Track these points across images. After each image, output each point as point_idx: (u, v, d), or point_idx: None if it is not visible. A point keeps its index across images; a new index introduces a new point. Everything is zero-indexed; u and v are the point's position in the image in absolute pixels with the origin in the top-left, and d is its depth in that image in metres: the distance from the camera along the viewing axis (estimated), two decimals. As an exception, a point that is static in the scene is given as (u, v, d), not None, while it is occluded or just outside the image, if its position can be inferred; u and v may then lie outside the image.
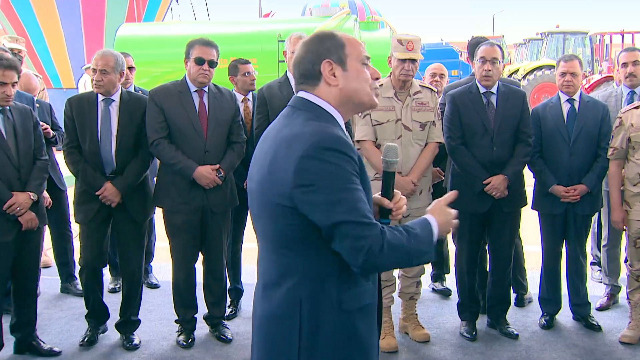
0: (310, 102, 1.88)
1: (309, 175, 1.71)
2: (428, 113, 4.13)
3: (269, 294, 1.88)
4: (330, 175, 1.70)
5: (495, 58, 4.10)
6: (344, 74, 1.87)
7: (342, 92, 1.87)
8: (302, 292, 1.80)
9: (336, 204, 1.69)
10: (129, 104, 4.06)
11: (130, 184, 4.03)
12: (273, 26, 11.96)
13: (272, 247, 1.87)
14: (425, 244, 1.81)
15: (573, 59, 4.35)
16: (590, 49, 20.03)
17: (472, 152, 4.15)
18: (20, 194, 3.77)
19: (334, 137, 1.75)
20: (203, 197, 4.05)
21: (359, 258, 1.69)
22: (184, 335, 4.25)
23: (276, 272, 1.86)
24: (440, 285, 5.25)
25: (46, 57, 16.16)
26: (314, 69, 1.88)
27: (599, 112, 4.31)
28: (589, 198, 4.29)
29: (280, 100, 4.24)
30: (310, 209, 1.72)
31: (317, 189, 1.70)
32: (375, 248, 1.68)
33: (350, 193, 1.71)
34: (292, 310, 1.81)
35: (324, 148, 1.71)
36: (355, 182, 1.73)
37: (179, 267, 4.21)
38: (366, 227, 1.69)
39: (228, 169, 4.11)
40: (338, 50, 1.87)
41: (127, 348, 4.17)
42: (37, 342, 4.10)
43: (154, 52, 11.35)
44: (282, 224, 1.79)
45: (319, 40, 1.91)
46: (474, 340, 4.24)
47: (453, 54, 20.94)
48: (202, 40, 4.01)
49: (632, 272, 4.20)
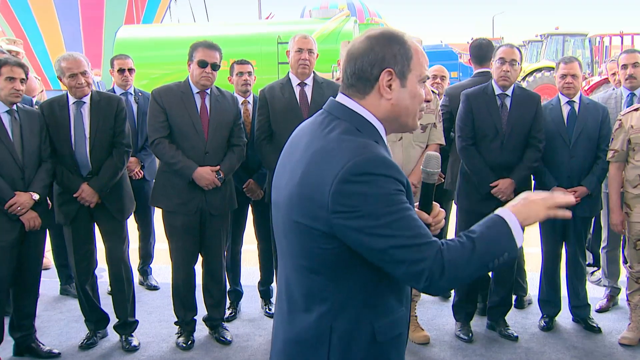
0: (352, 111, 1.67)
1: (349, 201, 1.52)
2: (429, 115, 4.14)
3: (295, 318, 1.72)
4: (373, 198, 1.52)
5: (514, 60, 4.12)
6: (400, 89, 1.66)
7: (393, 108, 1.67)
8: (333, 320, 1.65)
9: (384, 227, 1.51)
10: (100, 104, 4.06)
11: (106, 183, 4.03)
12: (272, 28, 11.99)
13: (298, 268, 1.69)
14: (499, 241, 1.59)
15: (573, 60, 4.36)
16: (589, 50, 20.04)
17: (482, 153, 4.14)
18: (22, 193, 3.79)
19: (377, 159, 1.55)
20: (202, 198, 4.06)
21: (419, 284, 1.55)
22: (184, 337, 4.25)
23: (304, 295, 1.69)
24: (440, 287, 5.24)
25: (45, 58, 16.18)
26: (372, 73, 1.65)
27: (598, 114, 4.32)
28: (589, 200, 4.29)
29: (281, 102, 4.24)
30: (354, 236, 1.54)
31: (360, 215, 1.52)
32: (436, 271, 1.52)
33: (399, 214, 1.53)
34: (321, 338, 1.66)
35: (365, 172, 1.52)
36: (403, 201, 1.55)
37: (178, 268, 4.20)
38: (420, 248, 1.52)
39: (228, 171, 4.11)
40: (404, 61, 1.66)
41: (126, 350, 4.17)
42: (37, 344, 4.10)
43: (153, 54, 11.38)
44: (313, 247, 1.62)
45: (387, 41, 1.66)
46: (470, 342, 4.24)
47: (452, 55, 20.93)
48: (205, 43, 4.02)
49: (632, 274, 4.20)
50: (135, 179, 5.06)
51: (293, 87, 4.29)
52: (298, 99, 4.25)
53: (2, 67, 3.76)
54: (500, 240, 1.60)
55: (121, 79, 5.27)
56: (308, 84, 4.30)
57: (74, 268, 4.17)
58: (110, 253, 4.18)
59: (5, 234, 3.78)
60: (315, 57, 4.31)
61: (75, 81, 3.92)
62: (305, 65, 4.24)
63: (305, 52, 4.23)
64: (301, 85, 4.29)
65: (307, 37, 4.31)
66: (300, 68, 4.24)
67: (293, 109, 4.20)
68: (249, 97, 4.84)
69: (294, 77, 4.31)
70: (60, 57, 3.98)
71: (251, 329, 4.55)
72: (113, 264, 4.20)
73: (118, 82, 5.30)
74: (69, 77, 3.92)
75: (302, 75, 4.28)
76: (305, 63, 4.23)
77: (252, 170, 4.65)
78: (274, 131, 4.27)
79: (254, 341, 4.32)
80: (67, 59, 3.94)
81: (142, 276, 5.56)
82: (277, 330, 1.82)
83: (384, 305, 1.69)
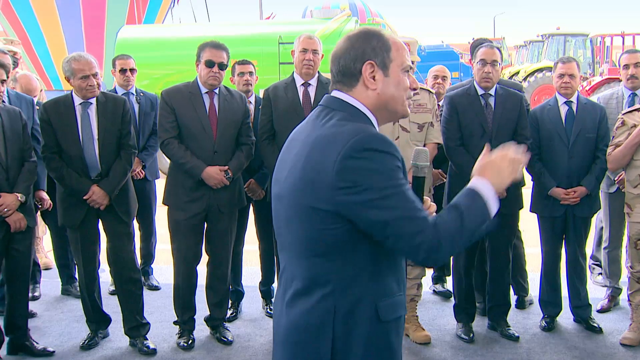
0: (345, 102, 1.78)
1: (352, 176, 1.61)
2: (426, 114, 4.15)
3: (297, 304, 1.76)
4: (375, 173, 1.61)
5: (495, 60, 4.11)
6: (384, 79, 1.78)
7: (380, 97, 1.78)
8: (336, 301, 1.70)
9: (385, 199, 1.60)
10: (107, 105, 4.04)
11: (116, 185, 4.03)
12: (274, 28, 11.99)
13: (302, 255, 1.75)
14: (479, 214, 1.71)
15: (571, 60, 4.36)
16: (590, 50, 20.04)
17: (471, 153, 4.15)
18: (7, 195, 3.77)
19: (376, 137, 1.65)
20: (210, 195, 4.07)
21: (419, 256, 1.64)
22: (184, 337, 4.25)
23: (306, 281, 1.75)
24: (441, 287, 5.25)
25: (47, 59, 16.19)
26: (355, 67, 1.77)
27: (596, 113, 4.32)
28: (587, 200, 4.29)
29: (284, 102, 4.24)
30: (357, 210, 1.62)
31: (363, 189, 1.61)
32: (434, 244, 1.61)
33: (399, 188, 1.62)
34: (325, 320, 1.71)
35: (366, 148, 1.62)
36: (402, 177, 1.65)
37: (179, 267, 4.21)
38: (419, 222, 1.62)
39: (236, 169, 4.12)
40: (383, 53, 1.77)
41: (144, 353, 4.12)
42: (31, 343, 4.10)
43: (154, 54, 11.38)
44: (317, 230, 1.69)
45: (365, 37, 1.78)
46: (471, 342, 4.24)
47: (454, 55, 20.89)
48: (212, 43, 4.03)
49: (633, 274, 4.20)
50: (136, 179, 5.07)
51: (297, 87, 4.29)
52: (301, 99, 4.26)
53: None
54: (480, 214, 1.71)
55: (123, 79, 5.28)
56: (312, 84, 4.29)
57: (82, 270, 4.14)
58: (120, 255, 4.15)
59: None
60: (320, 57, 4.30)
61: (86, 83, 3.89)
62: (310, 65, 4.23)
63: (310, 52, 4.23)
64: (305, 86, 4.29)
65: (312, 37, 4.31)
66: (304, 68, 4.24)
67: (295, 109, 4.20)
68: (251, 97, 4.83)
69: (298, 77, 4.31)
70: (69, 58, 3.93)
71: (252, 329, 4.55)
72: (123, 266, 4.15)
73: (120, 82, 5.30)
74: (80, 78, 3.88)
75: (307, 76, 4.28)
76: (309, 63, 4.23)
77: (254, 170, 4.65)
78: (276, 131, 4.27)
79: (255, 341, 4.32)
80: (78, 60, 3.89)
81: (144, 276, 5.55)
82: (278, 319, 1.85)
83: (385, 286, 1.75)
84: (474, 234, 1.70)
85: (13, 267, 3.94)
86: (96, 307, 4.25)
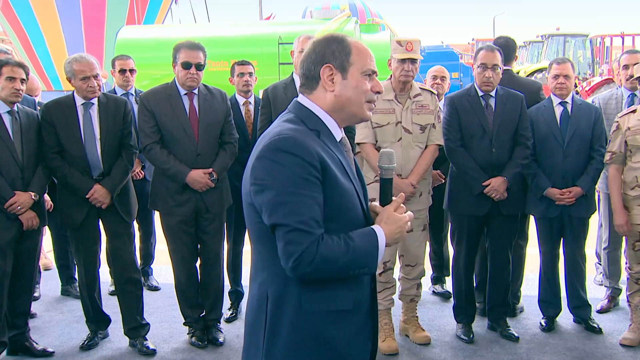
0: (301, 105, 1.88)
1: (260, 174, 1.73)
2: (428, 116, 4.13)
3: (250, 287, 1.93)
4: (279, 176, 1.69)
5: (496, 64, 4.09)
6: (342, 82, 1.84)
7: (336, 99, 1.85)
8: (268, 288, 1.82)
9: (278, 206, 1.69)
10: (108, 105, 4.05)
11: (118, 184, 4.04)
12: (273, 28, 11.96)
13: (252, 243, 1.91)
14: (366, 256, 1.77)
15: (565, 61, 4.36)
16: (590, 51, 20.05)
17: (472, 154, 4.15)
18: (22, 193, 3.81)
19: (291, 140, 1.72)
20: (198, 198, 4.06)
21: (288, 263, 1.69)
22: (197, 335, 4.24)
23: (253, 268, 1.91)
24: (441, 288, 5.25)
25: (46, 59, 16.17)
26: (315, 70, 1.85)
27: (591, 114, 4.32)
28: (583, 201, 4.29)
29: (283, 102, 4.23)
30: (260, 208, 1.74)
31: (264, 189, 1.71)
32: (307, 258, 1.67)
33: (295, 197, 1.68)
34: (261, 305, 1.84)
35: (277, 149, 1.71)
36: (304, 187, 1.70)
37: (179, 268, 4.21)
38: (301, 234, 1.67)
39: (220, 170, 4.10)
40: (342, 56, 1.84)
41: (143, 354, 4.13)
42: (30, 343, 4.11)
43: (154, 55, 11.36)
44: (251, 222, 1.83)
45: (326, 42, 1.87)
46: (471, 342, 4.24)
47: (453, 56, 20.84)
48: (187, 43, 3.99)
49: (632, 274, 4.20)
50: (136, 179, 5.07)
51: (296, 87, 4.28)
52: None
53: (2, 67, 3.77)
54: (367, 256, 1.77)
55: (122, 80, 5.28)
56: None
57: (82, 270, 4.14)
58: (120, 255, 4.16)
59: (4, 233, 3.79)
60: None
61: (86, 84, 3.91)
62: None
63: None
64: None
65: (310, 37, 4.30)
66: None
67: None
68: (250, 98, 4.84)
69: (297, 77, 4.31)
70: (71, 59, 3.96)
71: (252, 329, 4.53)
72: (124, 266, 4.16)
73: (119, 83, 5.31)
74: (82, 79, 3.90)
75: None
76: None
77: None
78: (276, 131, 4.26)
79: (255, 342, 4.31)
80: (79, 61, 3.91)
81: (143, 277, 5.55)
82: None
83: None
84: (350, 270, 1.75)
85: (19, 264, 3.95)
86: (96, 308, 4.25)
